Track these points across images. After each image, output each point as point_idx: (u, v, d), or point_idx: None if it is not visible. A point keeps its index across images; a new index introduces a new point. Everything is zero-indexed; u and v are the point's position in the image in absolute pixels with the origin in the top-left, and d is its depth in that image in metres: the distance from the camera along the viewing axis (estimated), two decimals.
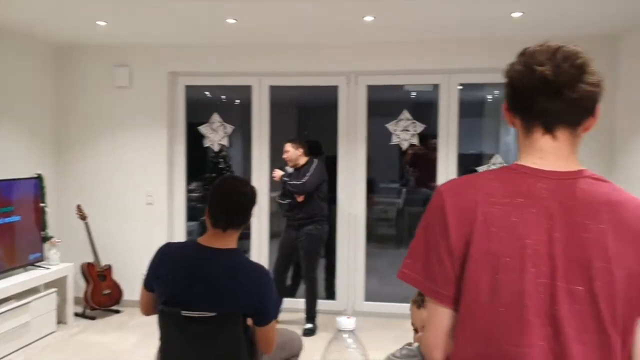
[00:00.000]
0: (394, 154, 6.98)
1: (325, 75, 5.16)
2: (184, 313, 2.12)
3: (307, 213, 4.65)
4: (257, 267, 2.28)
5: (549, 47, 1.16)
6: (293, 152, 4.71)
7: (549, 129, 1.17)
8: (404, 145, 5.17)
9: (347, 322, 1.27)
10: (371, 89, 5.14)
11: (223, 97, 6.84)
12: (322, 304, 5.11)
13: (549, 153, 1.18)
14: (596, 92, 1.15)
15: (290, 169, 4.77)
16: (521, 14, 4.06)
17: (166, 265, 2.24)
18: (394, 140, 5.17)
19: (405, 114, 5.14)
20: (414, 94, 6.47)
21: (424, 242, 1.21)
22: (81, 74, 5.38)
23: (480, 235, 1.13)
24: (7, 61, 4.76)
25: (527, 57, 1.17)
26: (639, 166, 4.21)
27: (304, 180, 4.59)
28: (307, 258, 4.71)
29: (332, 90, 5.18)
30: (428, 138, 5.38)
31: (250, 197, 2.30)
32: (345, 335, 1.27)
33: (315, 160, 4.73)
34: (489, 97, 6.41)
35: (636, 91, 4.30)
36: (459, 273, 1.16)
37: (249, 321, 2.22)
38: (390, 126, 5.17)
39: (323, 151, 5.57)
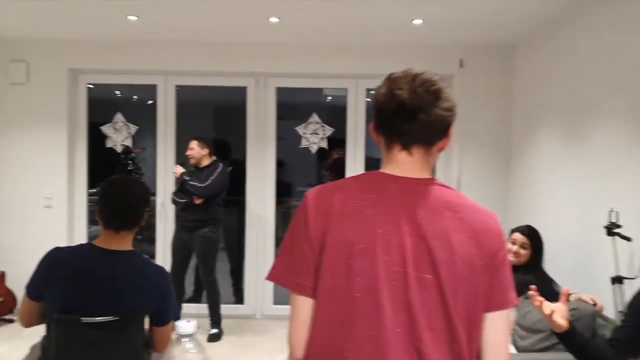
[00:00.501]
0: (313, 158, 7.02)
1: (233, 75, 5.09)
2: (84, 320, 2.02)
3: (203, 216, 4.54)
4: (156, 267, 2.26)
5: (409, 74, 1.28)
6: (198, 151, 4.59)
7: (406, 147, 1.30)
8: (313, 149, 5.18)
9: (186, 327, 1.22)
10: (283, 91, 5.13)
11: (135, 96, 6.63)
12: (230, 309, 5.03)
13: (404, 164, 1.31)
14: (449, 117, 1.28)
15: (191, 168, 4.66)
16: (421, 21, 4.16)
17: (58, 271, 2.12)
18: (304, 143, 5.17)
19: (315, 117, 5.15)
20: (330, 97, 6.52)
21: (289, 242, 1.31)
22: None
23: (337, 225, 1.25)
24: None
25: (390, 82, 1.29)
26: (532, 171, 4.41)
27: (206, 183, 4.46)
28: (204, 261, 4.58)
29: (244, 92, 5.13)
30: (337, 142, 5.42)
31: (141, 196, 2.24)
32: (184, 340, 1.22)
33: (221, 165, 4.63)
34: None
35: (530, 99, 4.50)
36: (318, 263, 1.25)
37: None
38: (300, 129, 5.17)
39: (231, 153, 5.47)
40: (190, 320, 1.22)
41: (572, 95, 3.71)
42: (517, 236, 3.33)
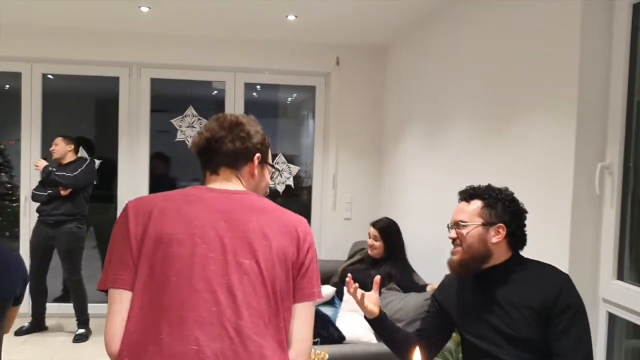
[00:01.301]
0: (190, 152, 6.86)
1: (105, 65, 4.88)
2: None
3: (69, 210, 4.36)
4: (10, 249, 2.37)
5: (218, 118, 1.52)
6: (62, 147, 4.43)
7: (214, 172, 1.51)
8: (189, 143, 5.09)
9: None
10: (158, 83, 4.99)
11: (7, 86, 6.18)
12: (99, 308, 4.82)
13: (216, 182, 1.50)
14: (244, 149, 1.49)
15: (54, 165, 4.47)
16: (294, 17, 4.20)
17: None
18: (179, 136, 5.07)
19: (191, 110, 5.06)
20: (216, 91, 6.43)
21: (110, 248, 1.39)
22: None
23: (156, 222, 1.35)
24: None
25: (203, 126, 1.53)
26: (399, 166, 4.59)
27: (75, 173, 4.33)
28: (69, 258, 4.39)
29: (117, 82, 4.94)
30: None
31: None
32: None
33: (88, 158, 4.53)
34: (289, 99, 6.59)
35: (399, 97, 4.69)
36: (137, 259, 1.33)
37: None
38: (176, 122, 5.06)
39: (95, 150, 5.23)
40: None
41: (432, 94, 3.90)
42: (371, 230, 3.46)
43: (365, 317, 1.95)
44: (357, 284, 1.87)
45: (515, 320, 1.73)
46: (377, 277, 1.95)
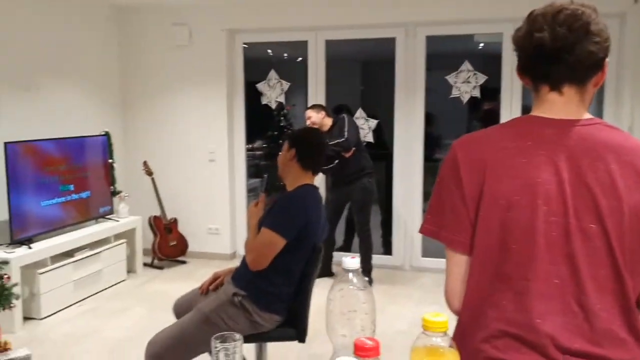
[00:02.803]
0: (462, 109, 6.78)
1: (382, 27, 5.03)
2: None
3: (357, 167, 4.60)
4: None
5: (550, 10, 1.17)
6: (316, 117, 4.60)
7: (555, 88, 1.20)
8: (465, 98, 4.99)
9: (351, 262, 1.27)
10: (430, 40, 4.98)
11: (285, 54, 6.85)
12: (378, 259, 5.12)
13: (556, 105, 1.21)
14: (598, 52, 1.16)
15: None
16: None
17: (315, 210, 2.49)
18: (454, 93, 5.00)
19: (467, 65, 4.94)
20: (481, 45, 6.20)
21: (439, 196, 1.28)
22: (142, 34, 5.53)
23: (491, 179, 1.18)
24: (73, 23, 4.98)
25: (529, 22, 1.19)
26: None
27: (345, 135, 4.46)
28: (361, 211, 4.68)
29: (392, 43, 5.05)
30: (491, 91, 5.17)
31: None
32: (349, 275, 1.27)
33: (344, 115, 4.63)
34: None
35: None
36: (474, 220, 1.21)
37: None
38: (450, 78, 4.99)
39: (349, 110, 5.41)
40: (355, 257, 1.26)
41: None
42: None
43: None
44: None
45: None
46: None
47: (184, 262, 5.44)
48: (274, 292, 2.42)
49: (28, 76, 4.49)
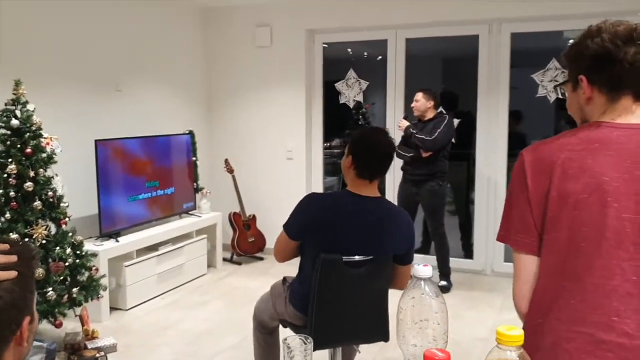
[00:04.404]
0: (550, 108, 6.48)
1: (464, 24, 4.89)
2: (345, 258, 2.25)
3: (430, 170, 4.50)
4: (404, 211, 2.49)
5: (630, 27, 1.21)
6: (423, 103, 4.54)
7: (638, 99, 1.24)
8: (551, 98, 4.76)
9: (424, 270, 1.24)
10: (515, 37, 4.78)
11: (365, 53, 6.82)
12: (459, 263, 5.00)
13: (630, 113, 1.24)
14: None
15: (414, 120, 4.64)
16: None
17: (324, 214, 2.33)
18: (540, 92, 4.78)
19: (554, 63, 4.70)
20: (571, 41, 5.88)
21: (509, 203, 1.32)
22: (226, 35, 5.68)
23: (558, 179, 1.21)
24: (160, 24, 5.18)
25: (611, 35, 1.21)
26: None
27: (434, 136, 4.38)
28: (432, 214, 4.59)
29: (474, 40, 4.90)
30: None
31: (393, 147, 2.39)
32: (421, 283, 1.23)
33: (447, 116, 4.52)
34: None
35: None
36: (541, 221, 1.24)
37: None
38: (536, 76, 4.77)
39: (458, 105, 5.30)
40: (427, 265, 1.23)
41: None
42: None
43: None
44: None
45: None
46: None
47: (261, 259, 5.54)
48: (293, 286, 2.51)
49: (117, 77, 4.72)
